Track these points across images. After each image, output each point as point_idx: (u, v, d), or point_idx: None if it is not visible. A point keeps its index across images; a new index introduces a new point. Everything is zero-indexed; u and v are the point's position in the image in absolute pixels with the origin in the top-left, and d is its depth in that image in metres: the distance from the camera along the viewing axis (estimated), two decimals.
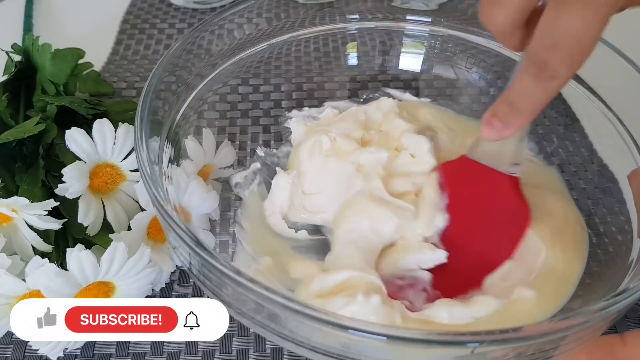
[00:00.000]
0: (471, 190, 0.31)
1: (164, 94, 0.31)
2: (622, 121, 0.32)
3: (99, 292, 0.27)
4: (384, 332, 0.20)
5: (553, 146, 0.37)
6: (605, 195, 0.33)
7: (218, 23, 0.35)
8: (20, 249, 0.29)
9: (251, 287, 0.21)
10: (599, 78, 0.34)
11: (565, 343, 0.22)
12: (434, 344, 0.20)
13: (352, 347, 0.22)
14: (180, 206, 0.29)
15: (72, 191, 0.28)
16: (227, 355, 0.29)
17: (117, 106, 0.39)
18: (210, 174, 0.34)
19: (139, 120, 0.27)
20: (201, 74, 0.35)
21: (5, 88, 0.36)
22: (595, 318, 0.21)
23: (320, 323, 0.20)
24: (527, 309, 0.28)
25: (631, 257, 0.28)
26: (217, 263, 0.22)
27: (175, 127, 0.32)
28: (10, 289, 0.26)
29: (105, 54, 0.48)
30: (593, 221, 0.33)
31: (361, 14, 0.40)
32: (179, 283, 0.32)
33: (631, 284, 0.24)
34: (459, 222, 0.31)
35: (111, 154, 0.30)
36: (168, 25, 0.52)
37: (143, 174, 0.25)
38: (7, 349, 0.29)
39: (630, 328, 0.30)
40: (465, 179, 0.31)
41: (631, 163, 0.31)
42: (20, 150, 0.32)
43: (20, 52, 0.38)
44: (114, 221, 0.30)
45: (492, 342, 0.20)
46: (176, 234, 0.23)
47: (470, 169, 0.30)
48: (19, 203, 0.27)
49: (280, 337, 0.24)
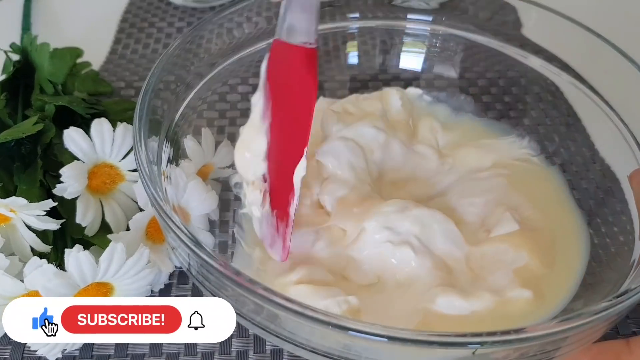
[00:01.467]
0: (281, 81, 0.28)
1: (163, 94, 0.31)
2: (624, 121, 0.32)
3: (97, 292, 0.27)
4: (385, 333, 0.20)
5: (555, 146, 0.37)
6: (607, 195, 0.33)
7: (217, 22, 0.35)
8: (19, 249, 0.29)
9: (251, 288, 0.21)
10: (601, 78, 0.34)
11: (566, 344, 0.22)
12: (435, 345, 0.20)
13: (352, 348, 0.22)
14: (179, 206, 0.29)
15: (71, 191, 0.28)
16: (227, 357, 0.29)
17: (115, 105, 0.39)
18: (210, 174, 0.34)
19: (137, 119, 0.27)
20: (200, 73, 0.35)
21: (4, 87, 0.36)
22: (597, 319, 0.21)
23: (320, 324, 0.20)
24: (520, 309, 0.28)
25: (633, 258, 0.28)
26: (216, 264, 0.22)
27: (174, 126, 0.32)
28: (8, 289, 0.26)
29: (103, 53, 0.48)
30: (595, 222, 0.32)
31: (361, 13, 0.40)
32: (178, 284, 0.32)
33: (633, 284, 0.24)
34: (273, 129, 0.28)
35: (110, 154, 0.30)
36: (167, 24, 0.52)
37: (142, 174, 0.25)
38: (5, 350, 0.29)
39: (633, 329, 0.30)
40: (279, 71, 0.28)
41: (633, 163, 0.31)
42: (19, 150, 0.32)
43: (18, 52, 0.38)
44: (113, 221, 0.30)
45: (493, 343, 0.20)
46: (175, 234, 0.23)
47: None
48: (17, 203, 0.27)
49: (279, 339, 0.23)
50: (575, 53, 0.35)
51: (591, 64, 0.34)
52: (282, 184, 0.28)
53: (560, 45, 0.36)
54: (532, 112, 0.39)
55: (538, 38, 0.36)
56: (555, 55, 0.36)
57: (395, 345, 0.20)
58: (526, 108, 0.39)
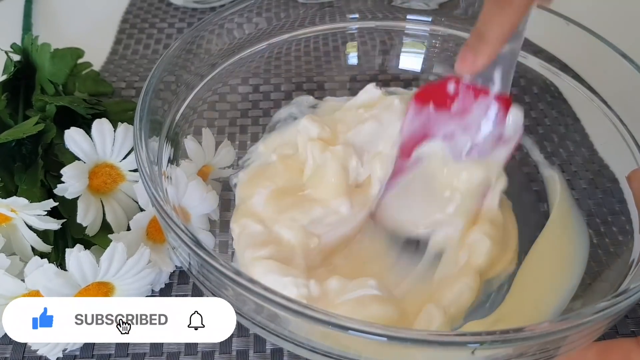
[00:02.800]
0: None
1: (164, 94, 0.31)
2: (623, 121, 0.32)
3: (98, 292, 0.27)
4: (384, 332, 0.20)
5: (554, 146, 0.37)
6: (606, 195, 0.33)
7: (218, 22, 0.35)
8: (20, 249, 0.29)
9: (251, 288, 0.21)
10: (600, 78, 0.34)
11: (566, 343, 0.22)
12: (434, 345, 0.20)
13: (352, 348, 0.22)
14: (180, 206, 0.29)
15: (71, 191, 0.28)
16: (227, 356, 0.29)
17: (116, 106, 0.39)
18: (210, 174, 0.34)
19: (138, 120, 0.27)
20: (201, 74, 0.35)
21: (5, 88, 0.36)
22: (596, 318, 0.21)
23: (320, 323, 0.20)
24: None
25: (632, 258, 0.28)
26: (216, 263, 0.22)
27: (175, 127, 0.32)
28: (9, 289, 0.26)
29: (104, 54, 0.48)
30: (594, 221, 0.33)
31: (361, 14, 0.40)
32: (178, 283, 0.32)
33: (632, 284, 0.24)
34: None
35: (110, 154, 0.30)
36: (168, 25, 0.52)
37: (142, 174, 0.25)
38: (6, 349, 0.29)
39: (632, 329, 0.30)
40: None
41: (632, 163, 0.31)
42: (20, 150, 0.32)
43: (19, 52, 0.38)
44: (113, 221, 0.30)
45: (492, 343, 0.20)
46: (175, 234, 0.23)
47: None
48: (18, 203, 0.27)
49: (280, 338, 0.24)
50: (575, 53, 0.35)
51: (590, 64, 0.34)
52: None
53: (560, 46, 0.36)
54: (532, 112, 0.39)
55: (537, 38, 0.36)
56: (555, 55, 0.36)
57: (394, 344, 0.20)
58: (525, 108, 0.39)
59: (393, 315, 0.27)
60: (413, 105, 0.32)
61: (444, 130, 0.32)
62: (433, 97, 0.31)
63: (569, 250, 0.31)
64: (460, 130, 0.31)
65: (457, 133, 0.31)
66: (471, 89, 0.30)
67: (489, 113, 0.30)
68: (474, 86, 0.30)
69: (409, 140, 0.32)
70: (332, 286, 0.28)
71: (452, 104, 0.31)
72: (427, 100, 0.31)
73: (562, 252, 0.31)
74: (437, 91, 0.31)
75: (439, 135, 0.32)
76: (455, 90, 0.31)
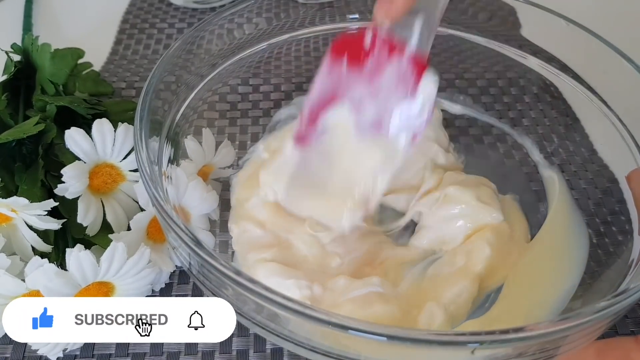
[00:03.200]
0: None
1: (164, 94, 0.31)
2: (622, 121, 0.32)
3: (98, 292, 0.27)
4: (384, 332, 0.20)
5: (553, 146, 0.37)
6: (605, 195, 0.33)
7: (218, 23, 0.35)
8: (20, 249, 0.29)
9: (251, 287, 0.21)
10: (600, 78, 0.34)
11: (566, 343, 0.22)
12: (434, 344, 0.20)
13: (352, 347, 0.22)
14: (180, 206, 0.29)
15: (72, 191, 0.28)
16: (227, 356, 0.29)
17: (116, 106, 0.39)
18: (210, 174, 0.34)
19: (138, 120, 0.27)
20: (201, 74, 0.35)
21: (5, 88, 0.36)
22: (595, 318, 0.21)
23: (320, 323, 0.20)
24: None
25: (631, 258, 0.28)
26: (216, 263, 0.22)
27: (175, 127, 0.32)
28: (9, 289, 0.26)
29: (104, 54, 0.48)
30: (593, 221, 0.33)
31: (361, 14, 0.40)
32: (178, 283, 0.32)
33: (632, 284, 0.24)
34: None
35: (111, 154, 0.30)
36: (168, 25, 0.52)
37: (143, 174, 0.25)
38: (6, 349, 0.29)
39: (631, 328, 0.30)
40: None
41: (631, 163, 0.31)
42: (20, 150, 0.32)
43: (19, 52, 0.38)
44: (114, 221, 0.30)
45: (492, 343, 0.20)
46: (176, 234, 0.23)
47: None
48: (19, 203, 0.27)
49: (280, 338, 0.24)
50: (574, 53, 0.35)
51: (590, 64, 0.34)
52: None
53: (559, 46, 0.36)
54: (531, 113, 0.39)
55: (537, 39, 0.36)
56: (554, 55, 0.36)
57: (394, 344, 0.20)
58: (525, 108, 0.39)
59: (396, 313, 0.27)
60: (328, 57, 0.28)
61: (353, 94, 0.28)
62: (349, 50, 0.28)
63: (568, 250, 0.31)
64: (369, 96, 0.28)
65: (365, 99, 0.28)
66: (387, 43, 0.27)
67: (400, 76, 0.27)
68: (390, 40, 0.27)
69: (318, 102, 0.29)
70: (339, 285, 0.28)
71: (365, 60, 0.28)
72: (342, 53, 0.28)
73: (562, 251, 0.31)
74: (353, 43, 0.28)
75: (346, 99, 0.28)
76: (372, 44, 0.27)
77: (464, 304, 0.29)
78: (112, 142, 0.30)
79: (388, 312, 0.27)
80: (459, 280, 0.29)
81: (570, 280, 0.30)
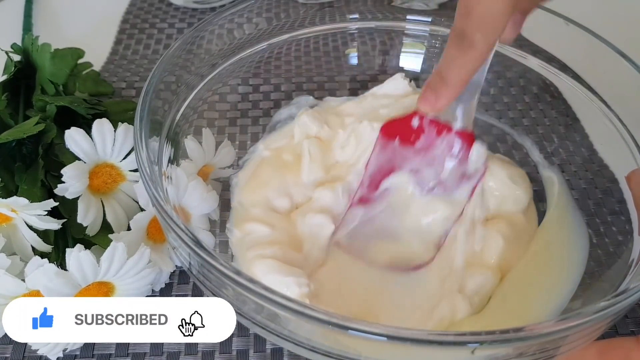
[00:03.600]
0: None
1: (164, 94, 0.31)
2: (622, 121, 0.32)
3: (98, 292, 0.27)
4: (384, 332, 0.20)
5: (553, 146, 0.37)
6: (605, 195, 0.33)
7: (218, 23, 0.35)
8: (20, 249, 0.29)
9: (251, 287, 0.21)
10: (599, 78, 0.34)
11: (566, 343, 0.22)
12: (434, 344, 0.20)
13: (352, 347, 0.22)
14: (180, 206, 0.29)
15: (72, 191, 0.28)
16: (227, 356, 0.29)
17: (116, 106, 0.39)
18: (210, 174, 0.34)
19: (138, 120, 0.27)
20: (201, 74, 0.35)
21: (5, 88, 0.36)
22: (595, 318, 0.21)
23: (320, 323, 0.20)
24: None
25: (631, 257, 0.28)
26: (216, 263, 0.22)
27: (175, 127, 0.32)
28: (9, 289, 0.26)
29: (104, 54, 0.48)
30: (593, 221, 0.33)
31: (361, 14, 0.40)
32: (178, 283, 0.32)
33: (632, 284, 0.24)
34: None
35: (111, 154, 0.30)
36: (168, 25, 0.52)
37: (143, 174, 0.25)
38: (6, 349, 0.29)
39: (631, 328, 0.30)
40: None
41: (631, 163, 0.31)
42: (20, 150, 0.32)
43: (19, 52, 0.38)
44: (114, 221, 0.30)
45: (492, 343, 0.20)
46: (176, 234, 0.23)
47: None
48: (19, 203, 0.27)
49: (280, 338, 0.24)
50: (574, 53, 0.35)
51: (590, 64, 0.34)
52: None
53: (559, 46, 0.36)
54: (531, 112, 0.39)
55: (537, 39, 0.36)
56: (554, 55, 0.36)
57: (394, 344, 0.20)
58: (525, 108, 0.39)
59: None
60: (379, 139, 0.33)
61: (410, 165, 0.32)
62: (399, 131, 0.32)
63: (568, 250, 0.31)
64: (425, 165, 0.32)
65: (422, 168, 0.32)
66: (434, 124, 0.31)
67: (452, 149, 0.31)
68: (437, 122, 0.31)
69: (376, 173, 0.33)
70: None
71: (416, 140, 0.32)
72: (393, 134, 0.32)
73: (561, 251, 0.31)
74: (402, 126, 0.32)
75: (405, 169, 0.32)
76: (420, 126, 0.31)
77: (486, 295, 0.30)
78: (112, 142, 0.30)
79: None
80: (482, 269, 0.30)
81: (570, 280, 0.30)
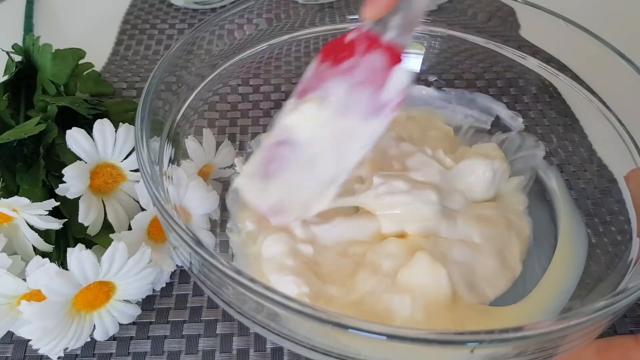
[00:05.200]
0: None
1: (164, 94, 0.31)
2: (621, 121, 0.32)
3: (99, 291, 0.27)
4: (384, 331, 0.20)
5: (552, 146, 0.37)
6: (604, 195, 0.33)
7: (218, 23, 0.35)
8: (21, 248, 0.29)
9: (251, 287, 0.21)
10: (599, 78, 0.34)
11: (565, 342, 0.22)
12: (433, 344, 0.20)
13: (352, 346, 0.22)
14: (181, 206, 0.29)
15: (73, 191, 0.28)
16: (228, 355, 0.29)
17: (117, 106, 0.39)
18: (211, 174, 0.34)
19: (139, 120, 0.27)
20: (201, 74, 0.35)
21: (6, 88, 0.36)
22: (594, 318, 0.21)
23: (320, 322, 0.20)
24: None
25: (630, 257, 0.28)
26: (217, 263, 0.22)
27: (176, 127, 0.32)
28: (10, 288, 0.26)
29: (105, 55, 0.48)
30: (592, 221, 0.33)
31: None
32: (179, 283, 0.32)
33: (630, 283, 0.24)
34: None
35: (112, 154, 0.30)
36: (168, 26, 0.52)
37: (143, 173, 0.25)
38: (7, 348, 0.29)
39: (630, 328, 0.30)
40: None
41: (630, 163, 0.31)
42: (21, 150, 0.32)
43: (20, 53, 0.38)
44: (115, 221, 0.30)
45: (491, 342, 0.20)
46: (176, 233, 0.23)
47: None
48: (20, 203, 0.27)
49: (280, 337, 0.24)
50: (573, 54, 0.35)
51: (589, 64, 0.34)
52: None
53: (558, 46, 0.36)
54: (530, 113, 0.39)
55: (536, 39, 0.36)
56: (553, 56, 0.36)
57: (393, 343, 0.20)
58: (524, 108, 0.39)
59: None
60: (315, 61, 0.29)
61: (331, 86, 0.28)
62: (334, 49, 0.29)
63: (567, 250, 0.31)
64: (344, 87, 0.28)
65: (340, 90, 0.28)
66: (367, 38, 0.28)
67: (374, 65, 0.28)
68: (369, 34, 0.28)
69: (300, 95, 0.29)
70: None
71: (348, 58, 0.28)
72: (329, 52, 0.29)
73: (560, 251, 0.31)
74: (337, 42, 0.29)
75: (322, 90, 0.28)
76: (353, 41, 0.28)
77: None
78: (113, 142, 0.30)
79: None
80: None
81: (569, 280, 0.30)
